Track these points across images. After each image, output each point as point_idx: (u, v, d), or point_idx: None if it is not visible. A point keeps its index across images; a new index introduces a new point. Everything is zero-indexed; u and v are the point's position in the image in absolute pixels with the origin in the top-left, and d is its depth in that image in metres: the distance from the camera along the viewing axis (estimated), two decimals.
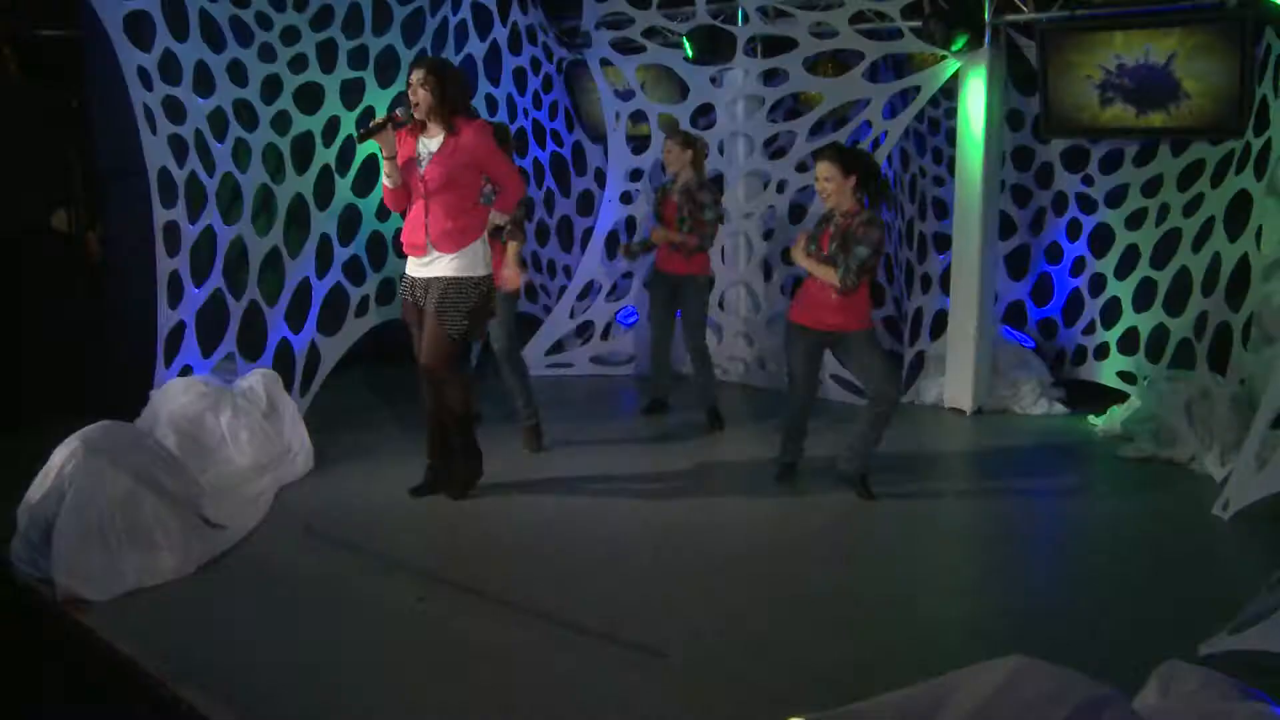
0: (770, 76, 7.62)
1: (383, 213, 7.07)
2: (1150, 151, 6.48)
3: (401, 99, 5.33)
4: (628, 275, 8.17)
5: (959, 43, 6.48)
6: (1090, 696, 2.44)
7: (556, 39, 8.36)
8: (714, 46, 7.51)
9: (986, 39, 6.54)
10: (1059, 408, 6.90)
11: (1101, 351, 6.93)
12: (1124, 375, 6.53)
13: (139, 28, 5.67)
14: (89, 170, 6.70)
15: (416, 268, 4.98)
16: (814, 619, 4.05)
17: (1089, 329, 7.10)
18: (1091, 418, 6.63)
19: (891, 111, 7.19)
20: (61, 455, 4.17)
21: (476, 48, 7.66)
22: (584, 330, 8.29)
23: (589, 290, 8.27)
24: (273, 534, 4.77)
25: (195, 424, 5.33)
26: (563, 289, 8.91)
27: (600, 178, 8.90)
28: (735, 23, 7.52)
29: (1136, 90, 6.15)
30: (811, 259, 5.10)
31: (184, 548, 4.24)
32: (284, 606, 4.09)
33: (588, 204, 8.92)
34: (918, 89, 6.92)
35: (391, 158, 4.80)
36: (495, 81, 7.90)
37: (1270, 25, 5.63)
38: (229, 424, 5.42)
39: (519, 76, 8.12)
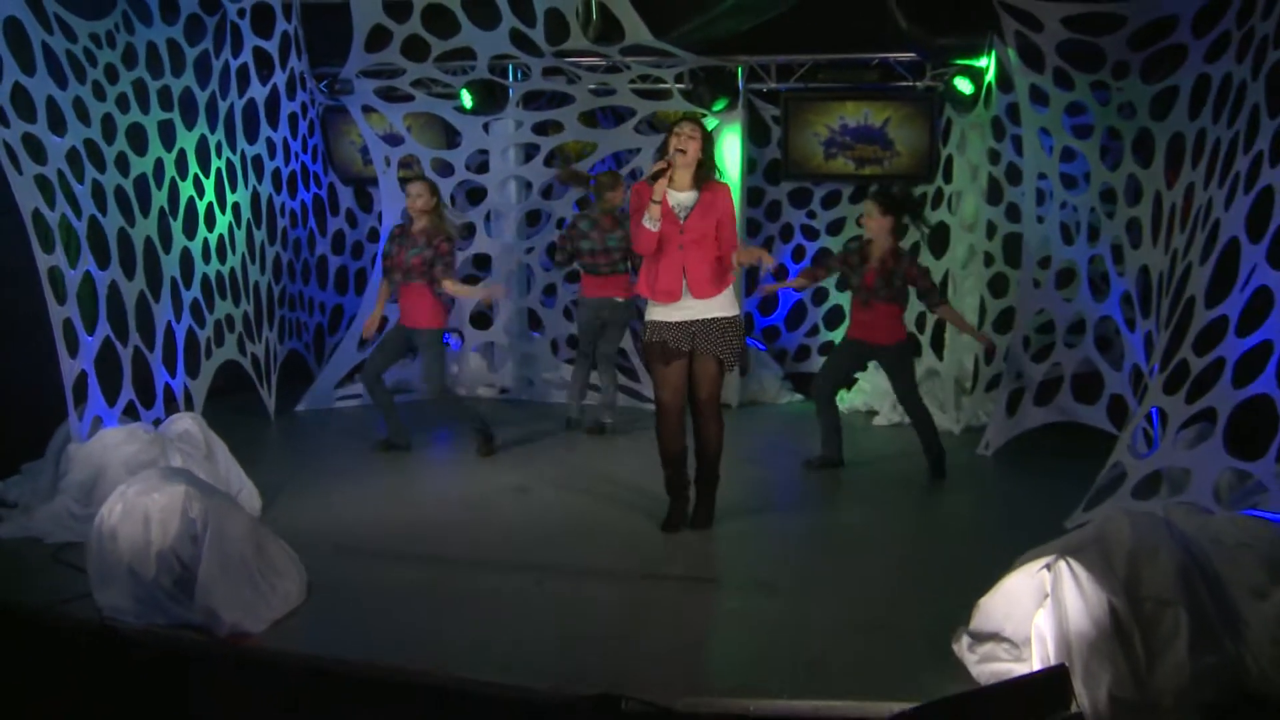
0: (541, 128, 8.56)
1: (206, 255, 6.97)
2: (863, 191, 8.44)
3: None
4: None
5: (720, 104, 8.01)
6: (1166, 520, 4.01)
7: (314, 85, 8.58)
8: (491, 98, 8.32)
9: (740, 101, 8.15)
10: (797, 396, 8.65)
11: (826, 348, 8.80)
12: None
13: None
14: None
15: (666, 312, 5.09)
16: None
17: (812, 331, 8.99)
18: None
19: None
20: (168, 499, 4.06)
21: (258, 91, 7.73)
22: None
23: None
24: (309, 560, 4.70)
25: None
26: (319, 325, 9.09)
27: (351, 218, 9.23)
28: (507, 77, 8.40)
29: (856, 145, 8.10)
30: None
31: (297, 574, 4.38)
32: (414, 615, 4.30)
33: (340, 243, 9.19)
34: None
35: (659, 202, 4.91)
36: (274, 125, 8.00)
37: (949, 103, 7.83)
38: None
39: (292, 121, 8.28)
